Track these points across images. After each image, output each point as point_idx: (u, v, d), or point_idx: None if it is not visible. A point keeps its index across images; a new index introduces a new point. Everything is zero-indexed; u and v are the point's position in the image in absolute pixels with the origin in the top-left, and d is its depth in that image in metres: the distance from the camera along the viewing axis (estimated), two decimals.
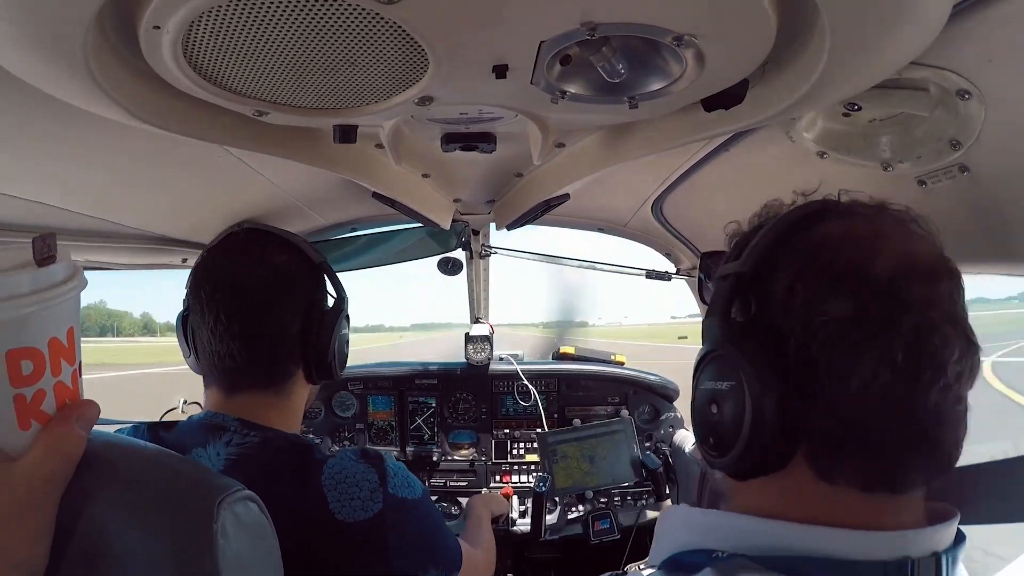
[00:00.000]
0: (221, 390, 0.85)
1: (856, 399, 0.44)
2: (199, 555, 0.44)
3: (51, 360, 0.44)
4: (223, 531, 0.46)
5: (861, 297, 0.44)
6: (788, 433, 0.46)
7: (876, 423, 0.44)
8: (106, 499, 0.45)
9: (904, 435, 0.44)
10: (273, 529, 0.52)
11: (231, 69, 0.64)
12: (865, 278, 0.45)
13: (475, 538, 1.25)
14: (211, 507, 0.46)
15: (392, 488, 0.79)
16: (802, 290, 0.47)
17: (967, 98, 0.66)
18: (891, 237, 0.48)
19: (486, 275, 2.10)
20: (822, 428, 0.45)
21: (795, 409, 0.45)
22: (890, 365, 0.43)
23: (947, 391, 0.44)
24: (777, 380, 0.46)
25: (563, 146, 1.08)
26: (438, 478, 2.07)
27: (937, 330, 0.44)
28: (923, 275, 0.46)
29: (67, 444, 0.45)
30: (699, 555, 0.49)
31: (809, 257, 0.48)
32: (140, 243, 1.29)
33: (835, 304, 0.45)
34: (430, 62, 0.62)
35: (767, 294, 0.49)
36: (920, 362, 0.43)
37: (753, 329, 0.49)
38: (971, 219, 0.83)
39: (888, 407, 0.44)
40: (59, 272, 0.46)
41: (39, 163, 0.84)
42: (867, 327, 0.44)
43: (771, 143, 0.93)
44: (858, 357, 0.44)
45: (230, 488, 0.48)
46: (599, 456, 1.85)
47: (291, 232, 0.94)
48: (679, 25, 0.55)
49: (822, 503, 0.47)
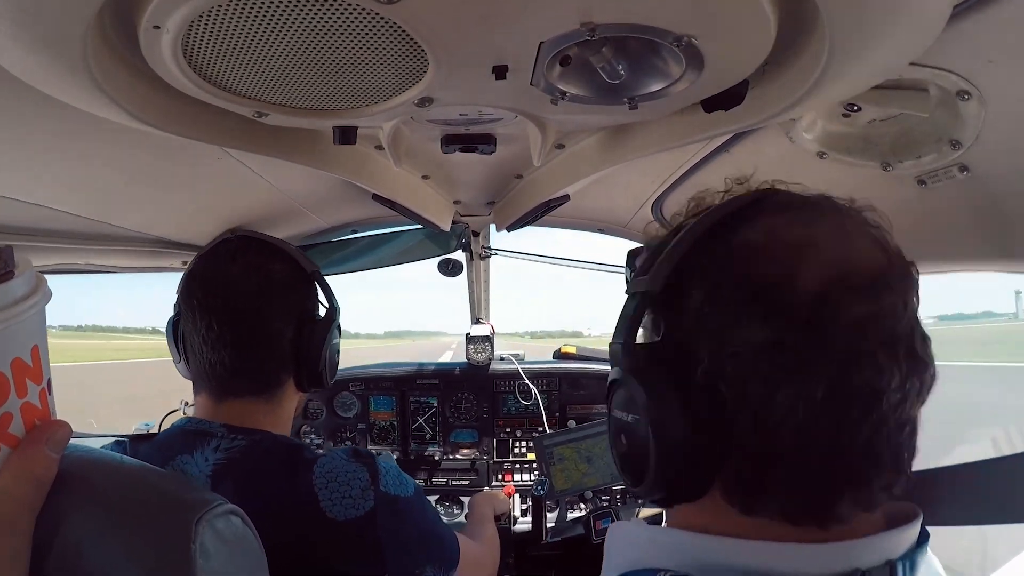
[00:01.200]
0: (211, 397, 0.85)
1: (772, 435, 0.39)
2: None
3: (15, 382, 0.41)
4: (202, 550, 0.44)
5: (778, 322, 0.39)
6: (698, 467, 0.42)
7: (796, 459, 0.39)
8: (82, 518, 0.43)
9: (829, 472, 0.39)
10: (259, 541, 0.51)
11: (231, 69, 0.64)
12: (784, 298, 0.39)
13: (476, 533, 1.25)
14: (189, 526, 0.44)
15: (384, 486, 0.79)
16: (713, 312, 0.41)
17: (967, 98, 0.66)
18: (823, 242, 0.41)
19: (486, 276, 2.10)
20: (735, 464, 0.41)
21: (704, 443, 0.41)
22: (809, 401, 0.38)
23: (882, 424, 0.39)
24: (682, 413, 0.41)
25: (563, 147, 1.08)
26: (440, 477, 2.07)
27: (869, 359, 0.38)
28: (860, 289, 0.39)
29: (38, 468, 0.42)
30: (644, 574, 0.46)
31: (725, 271, 0.42)
32: (139, 246, 1.29)
33: (748, 330, 0.39)
34: (430, 63, 0.62)
35: (680, 311, 0.43)
36: (849, 396, 0.38)
37: (662, 353, 0.44)
38: (971, 218, 0.83)
39: (808, 444, 0.39)
40: (19, 288, 0.42)
41: (38, 165, 0.84)
42: (782, 359, 0.38)
43: (771, 144, 0.93)
44: (772, 392, 0.38)
45: (210, 504, 0.46)
46: (596, 455, 1.85)
47: (284, 240, 0.95)
48: (679, 26, 0.55)
49: (750, 530, 0.42)
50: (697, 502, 0.44)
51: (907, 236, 0.94)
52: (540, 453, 1.84)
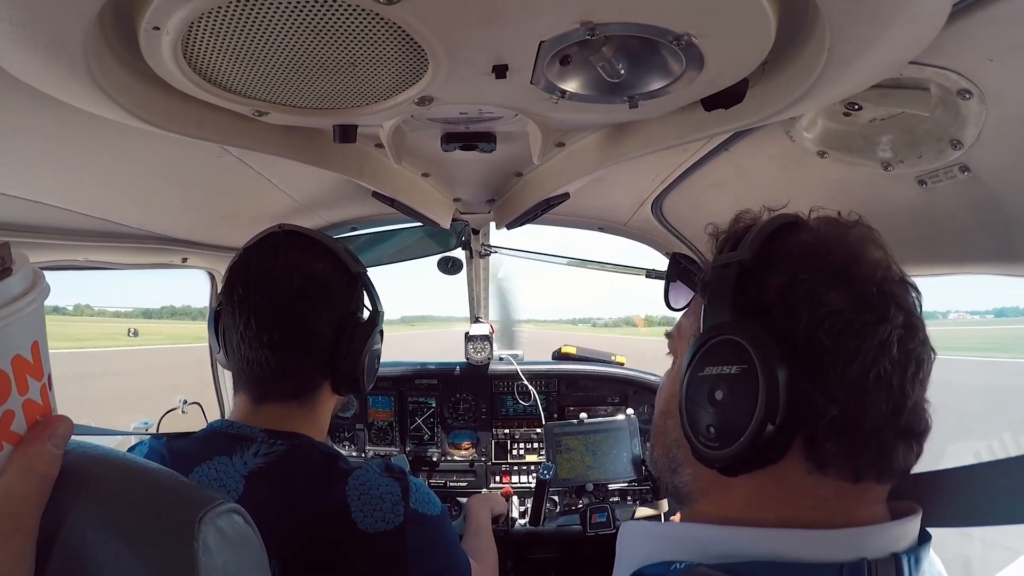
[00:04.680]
0: (250, 399, 0.84)
1: (855, 385, 0.46)
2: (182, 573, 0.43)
3: (16, 379, 0.41)
4: (205, 548, 0.44)
5: (860, 291, 0.47)
6: (796, 418, 0.46)
7: (873, 410, 0.46)
8: (86, 515, 0.43)
9: (893, 423, 0.46)
10: (260, 540, 0.51)
11: (231, 69, 0.64)
12: (860, 275, 0.48)
13: (477, 551, 1.25)
14: (192, 523, 0.44)
15: (413, 503, 0.80)
16: (805, 282, 0.48)
17: (968, 98, 0.65)
18: (866, 245, 0.52)
19: (486, 274, 2.10)
20: (825, 413, 0.46)
21: (804, 394, 0.46)
22: (887, 353, 0.46)
23: (923, 388, 0.48)
24: (788, 364, 0.46)
25: (563, 145, 1.08)
26: (438, 478, 2.07)
27: (919, 330, 0.48)
28: (899, 282, 0.50)
29: (41, 464, 0.43)
30: (658, 567, 0.49)
31: (806, 254, 0.51)
32: (140, 243, 1.29)
33: (837, 296, 0.47)
34: (430, 62, 0.62)
35: (766, 286, 0.50)
36: (908, 355, 0.47)
37: (760, 313, 0.50)
38: (971, 219, 0.83)
39: (882, 395, 0.46)
40: (16, 285, 0.42)
41: (39, 163, 0.84)
42: (867, 317, 0.46)
43: (771, 143, 0.93)
44: (860, 344, 0.46)
45: (212, 502, 0.46)
46: (602, 451, 1.88)
47: (331, 237, 0.91)
48: (678, 25, 0.55)
49: (803, 497, 0.48)
50: (764, 471, 0.47)
51: (906, 236, 0.95)
52: (549, 440, 1.89)
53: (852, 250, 0.50)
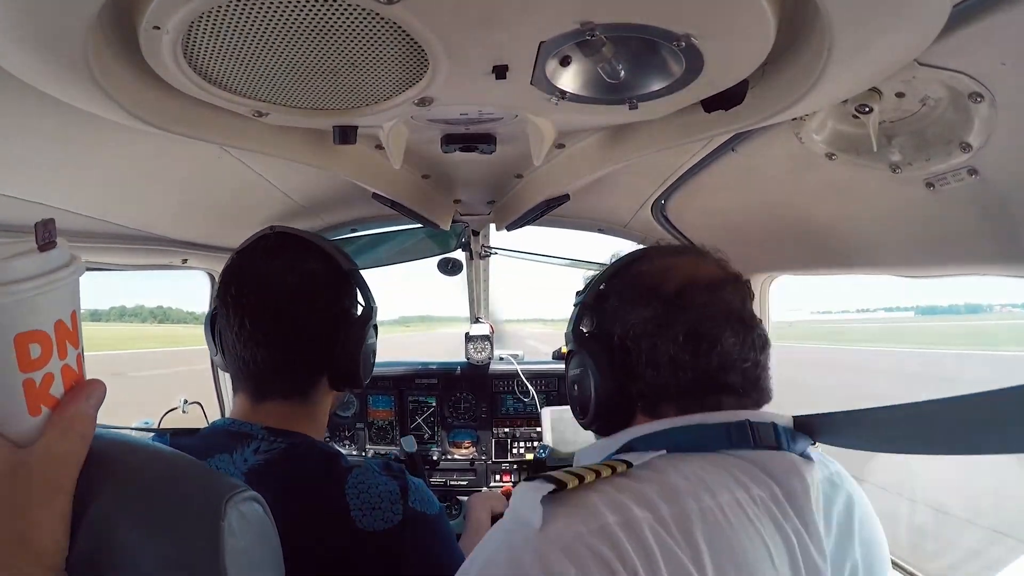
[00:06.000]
0: (249, 398, 0.85)
1: (661, 365, 0.66)
2: (207, 551, 0.45)
3: (57, 343, 0.45)
4: (230, 529, 0.46)
5: (655, 304, 0.68)
6: (625, 398, 0.69)
7: (676, 376, 0.66)
8: (112, 496, 0.45)
9: (697, 378, 0.66)
10: (276, 530, 0.53)
11: (231, 70, 0.64)
12: (657, 292, 0.68)
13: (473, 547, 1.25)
14: (219, 504, 0.46)
15: (412, 502, 0.80)
16: (622, 306, 0.71)
17: (979, 101, 0.65)
18: (681, 266, 0.71)
19: (486, 275, 2.10)
20: (645, 389, 0.68)
21: (623, 381, 0.69)
22: (675, 343, 0.66)
23: (727, 355, 0.65)
24: (609, 364, 0.70)
25: (563, 147, 1.08)
26: (438, 477, 2.07)
27: (712, 319, 0.66)
28: (704, 286, 0.68)
29: (80, 423, 0.45)
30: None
31: (626, 283, 0.73)
32: (140, 244, 1.29)
33: (640, 312, 0.68)
34: (430, 63, 0.62)
35: (603, 311, 0.73)
36: (698, 338, 0.65)
37: (596, 334, 0.74)
38: (979, 222, 0.82)
39: (679, 366, 0.66)
40: (60, 257, 0.47)
41: (39, 163, 0.84)
42: (658, 322, 0.67)
43: (779, 144, 0.92)
44: (655, 342, 0.66)
45: (236, 487, 0.49)
46: None
47: (322, 236, 0.93)
48: (678, 25, 0.54)
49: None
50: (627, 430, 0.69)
51: (914, 238, 0.94)
52: (547, 423, 1.90)
53: (658, 274, 0.70)
